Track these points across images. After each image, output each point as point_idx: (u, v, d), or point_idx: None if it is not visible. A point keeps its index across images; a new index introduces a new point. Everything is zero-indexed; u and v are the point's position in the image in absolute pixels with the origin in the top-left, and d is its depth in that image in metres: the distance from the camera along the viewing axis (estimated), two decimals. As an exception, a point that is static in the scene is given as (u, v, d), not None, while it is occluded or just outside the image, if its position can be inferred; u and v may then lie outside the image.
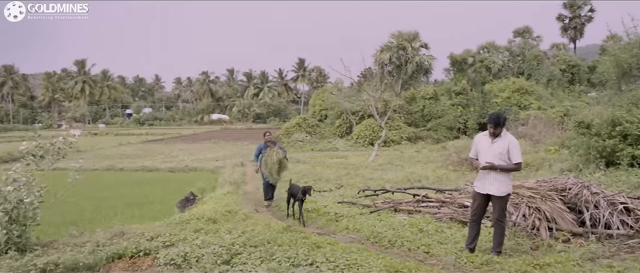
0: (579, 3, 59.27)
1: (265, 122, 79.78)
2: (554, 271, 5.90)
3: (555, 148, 20.18)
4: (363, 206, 11.06)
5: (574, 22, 59.61)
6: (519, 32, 57.93)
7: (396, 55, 40.32)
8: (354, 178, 17.14)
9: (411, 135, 33.78)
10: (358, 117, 35.97)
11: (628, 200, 8.08)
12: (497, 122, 6.58)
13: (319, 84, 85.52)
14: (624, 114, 14.34)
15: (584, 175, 13.68)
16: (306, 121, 38.40)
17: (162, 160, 26.41)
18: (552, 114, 31.27)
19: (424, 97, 37.06)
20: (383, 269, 5.69)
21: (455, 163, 19.08)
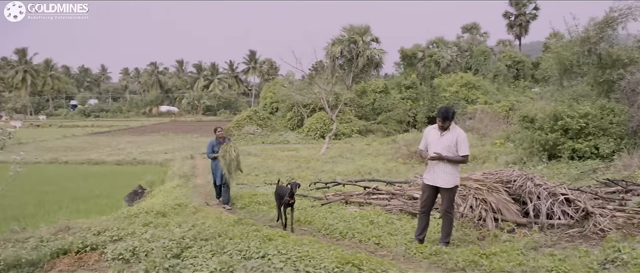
0: (524, 1, 60.99)
1: (215, 114, 78.80)
2: (500, 260, 6.07)
3: (501, 141, 20.77)
4: (314, 198, 11.10)
5: (520, 20, 61.33)
6: (467, 28, 59.26)
7: (347, 48, 40.48)
8: (305, 171, 17.17)
9: (362, 128, 34.07)
10: (309, 109, 35.99)
11: (568, 192, 8.41)
12: (445, 115, 6.70)
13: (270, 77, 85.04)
14: (565, 109, 14.89)
15: (528, 167, 14.16)
16: (257, 114, 38.17)
17: (108, 153, 25.77)
18: (498, 108, 32.13)
19: (374, 90, 37.40)
20: (334, 261, 5.72)
21: (405, 156, 19.38)
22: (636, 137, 13.81)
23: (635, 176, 11.01)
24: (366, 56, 40.32)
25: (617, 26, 16.68)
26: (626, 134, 14.13)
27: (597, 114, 14.49)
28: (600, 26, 16.67)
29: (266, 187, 13.96)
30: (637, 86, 14.36)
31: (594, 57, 17.09)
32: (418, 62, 49.76)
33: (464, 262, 6.12)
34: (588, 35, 16.93)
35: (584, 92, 17.98)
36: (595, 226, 7.66)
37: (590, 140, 14.26)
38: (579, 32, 17.57)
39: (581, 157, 14.22)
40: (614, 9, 16.43)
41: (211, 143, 11.36)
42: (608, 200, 9.18)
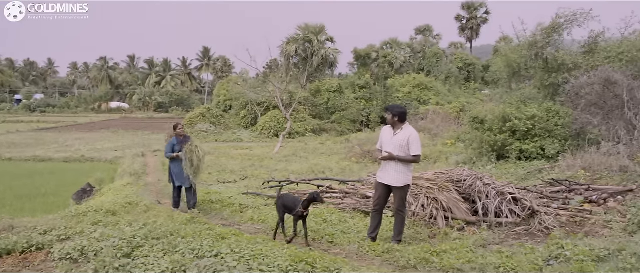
0: (475, 5, 62.48)
1: (167, 111, 77.43)
2: (450, 257, 6.22)
3: (452, 141, 21.21)
4: (268, 197, 11.08)
5: (471, 23, 62.81)
6: (420, 30, 60.20)
7: (302, 47, 40.52)
8: (259, 170, 17.12)
9: (316, 127, 34.16)
10: (263, 108, 35.83)
11: (516, 191, 8.68)
12: (392, 111, 6.92)
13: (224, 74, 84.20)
14: (513, 111, 15.32)
15: (478, 167, 14.51)
16: (210, 111, 37.74)
17: (55, 150, 24.99)
18: (450, 109, 32.78)
19: (328, 90, 37.56)
20: (288, 259, 5.73)
21: (358, 155, 19.55)
22: (579, 139, 14.33)
23: (578, 176, 11.44)
24: (321, 55, 40.45)
25: (563, 32, 17.29)
26: (570, 136, 14.66)
27: (543, 116, 14.97)
28: (547, 31, 17.23)
29: (219, 186, 13.85)
30: (580, 90, 14.89)
31: (540, 61, 17.64)
32: (372, 63, 50.24)
33: (416, 259, 6.24)
34: (535, 40, 17.47)
35: (531, 95, 18.54)
36: (541, 224, 7.95)
37: (536, 141, 14.72)
38: (527, 37, 18.11)
39: (528, 158, 14.67)
40: (560, 16, 17.01)
41: (171, 143, 10.16)
42: (552, 199, 9.52)
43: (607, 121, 14.01)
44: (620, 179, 10.83)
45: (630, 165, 11.42)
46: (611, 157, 12.15)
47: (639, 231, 7.14)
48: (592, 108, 14.64)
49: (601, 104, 14.52)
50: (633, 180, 10.53)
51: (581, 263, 5.62)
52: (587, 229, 7.79)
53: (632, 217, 7.71)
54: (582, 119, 14.31)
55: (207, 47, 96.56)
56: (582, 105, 14.75)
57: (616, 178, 10.95)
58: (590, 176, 11.44)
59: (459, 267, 5.91)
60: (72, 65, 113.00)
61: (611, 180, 10.95)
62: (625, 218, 7.91)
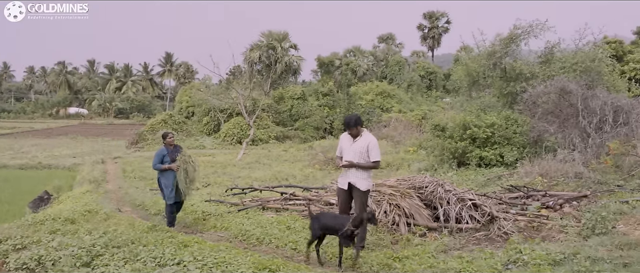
0: (437, 14, 63.58)
1: (128, 117, 76.14)
2: (412, 263, 6.31)
3: (414, 149, 21.47)
4: (231, 204, 11.01)
5: (433, 32, 63.87)
6: (383, 38, 60.87)
7: (266, 54, 40.50)
8: (222, 177, 17.01)
9: (279, 134, 34.11)
10: (226, 115, 35.61)
11: (476, 197, 8.86)
12: (348, 123, 6.98)
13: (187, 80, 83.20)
14: (473, 119, 15.64)
15: (439, 174, 14.73)
16: (172, 118, 37.33)
17: (11, 157, 24.31)
18: (412, 116, 33.19)
19: (292, 97, 37.59)
20: (251, 266, 5.72)
21: (322, 162, 19.62)
22: (537, 146, 14.70)
23: (536, 183, 11.73)
24: (284, 62, 40.51)
25: (520, 42, 17.79)
26: (528, 143, 15.03)
27: (502, 124, 15.32)
28: (505, 42, 17.70)
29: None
30: (537, 99, 15.30)
31: (499, 70, 18.09)
32: (335, 70, 50.52)
33: (378, 265, 6.31)
34: (494, 50, 17.91)
35: (490, 103, 18.96)
36: (500, 229, 8.12)
37: (495, 148, 15.04)
38: (486, 47, 18.56)
39: (488, 165, 14.97)
40: (517, 27, 17.50)
41: (160, 153, 9.02)
42: (511, 205, 9.74)
43: (562, 129, 14.42)
44: (575, 185, 11.17)
45: (585, 171, 11.79)
46: (567, 164, 12.51)
47: (592, 235, 7.37)
48: (549, 116, 15.06)
49: (557, 113, 14.96)
50: (587, 186, 10.88)
51: (538, 266, 5.78)
52: (544, 234, 7.99)
53: (586, 222, 7.96)
54: (539, 127, 14.70)
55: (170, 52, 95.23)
56: (539, 114, 15.16)
57: (571, 185, 11.28)
58: (547, 182, 11.75)
59: (420, 272, 6.00)
60: (28, 70, 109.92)
61: (567, 186, 11.27)
62: (580, 223, 8.16)
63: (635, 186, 10.62)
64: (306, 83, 58.19)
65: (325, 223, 6.60)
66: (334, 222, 6.57)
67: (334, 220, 6.61)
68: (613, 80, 18.03)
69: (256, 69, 41.60)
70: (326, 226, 6.58)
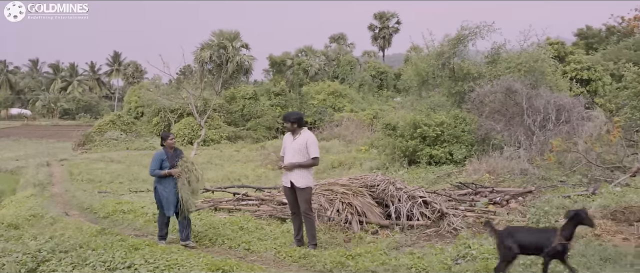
0: (387, 15, 64.35)
1: (74, 118, 73.80)
2: (364, 260, 6.39)
3: (365, 148, 21.68)
4: (183, 206, 10.85)
5: (383, 32, 64.60)
6: (334, 38, 61.13)
7: (217, 53, 40.08)
8: (173, 178, 16.73)
9: (231, 134, 33.87)
10: (177, 115, 35.10)
11: (426, 195, 9.05)
12: (286, 118, 7.34)
13: (136, 80, 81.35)
14: (423, 118, 15.92)
15: (390, 172, 14.93)
16: (121, 118, 36.53)
17: (-52, 160, 23.24)
18: (363, 116, 33.48)
19: (244, 96, 37.34)
20: (204, 268, 5.68)
21: (274, 162, 19.58)
22: (484, 144, 15.10)
23: (483, 179, 12.07)
24: (236, 62, 40.20)
25: (468, 43, 18.24)
26: (476, 141, 15.42)
27: (451, 122, 15.67)
28: (453, 42, 18.10)
29: (131, 195, 13.43)
30: (484, 98, 15.72)
31: (447, 70, 18.49)
32: (287, 70, 50.46)
33: (332, 263, 6.37)
34: (443, 50, 18.30)
35: (440, 102, 19.36)
36: (449, 225, 8.32)
37: (445, 147, 15.37)
38: (435, 47, 18.94)
39: (437, 163, 15.27)
40: (464, 28, 17.93)
41: (159, 157, 7.79)
42: (460, 201, 9.99)
43: (509, 127, 14.87)
44: (521, 181, 11.56)
45: (530, 168, 12.21)
46: (513, 160, 12.92)
47: (537, 229, 7.63)
48: (496, 115, 15.50)
49: (503, 111, 15.41)
50: (532, 182, 11.27)
51: (486, 261, 5.95)
52: (492, 229, 8.23)
53: (531, 217, 8.25)
54: (487, 125, 15.11)
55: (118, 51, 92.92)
56: (486, 113, 15.59)
57: (517, 181, 11.67)
58: (494, 179, 12.10)
59: (373, 269, 6.08)
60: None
61: (513, 182, 11.65)
62: (525, 218, 8.44)
63: (577, 181, 11.07)
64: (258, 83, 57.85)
65: (523, 239, 5.20)
66: (535, 237, 5.27)
67: (534, 236, 5.32)
68: (555, 80, 18.71)
69: (207, 68, 41.12)
70: (525, 243, 5.17)
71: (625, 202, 8.01)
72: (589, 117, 15.15)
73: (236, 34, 41.18)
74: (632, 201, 8.10)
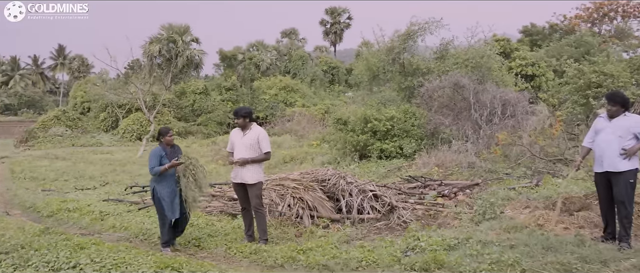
0: (339, 10, 64.56)
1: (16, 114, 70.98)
2: (315, 254, 6.41)
3: (317, 142, 21.74)
4: (131, 203, 10.64)
5: (335, 28, 64.79)
6: (286, 33, 60.99)
7: (166, 48, 39.34)
8: (121, 175, 16.39)
9: (181, 129, 33.37)
10: (125, 110, 34.33)
11: (376, 188, 9.17)
12: (237, 112, 7.28)
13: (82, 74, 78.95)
14: (374, 112, 16.09)
15: (342, 167, 15.03)
16: (66, 114, 35.48)
17: None
18: (315, 111, 33.57)
19: (194, 91, 36.83)
20: (153, 266, 5.57)
21: (225, 157, 19.39)
22: (433, 138, 15.39)
23: (433, 173, 12.30)
24: (186, 56, 39.57)
25: (417, 39, 18.50)
26: (425, 136, 15.70)
27: (401, 117, 15.88)
28: (402, 38, 18.34)
29: (77, 193, 13.05)
30: (433, 93, 16.01)
31: (398, 65, 18.72)
32: (238, 64, 50.00)
33: (283, 258, 6.36)
34: (393, 46, 18.51)
35: (390, 97, 19.59)
36: (399, 218, 8.45)
37: (395, 141, 15.57)
38: (385, 42, 19.14)
39: (388, 157, 15.46)
40: (414, 23, 18.19)
41: (157, 153, 7.19)
42: (410, 194, 10.17)
43: (457, 122, 15.21)
44: (469, 174, 11.85)
45: (477, 161, 12.54)
46: (461, 154, 13.23)
47: (483, 220, 7.85)
48: (444, 109, 15.82)
49: (452, 106, 15.74)
50: (479, 174, 11.58)
51: (434, 252, 6.07)
52: (440, 221, 8.41)
53: (477, 208, 8.47)
54: (436, 119, 15.41)
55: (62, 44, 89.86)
56: (435, 107, 15.89)
57: (465, 174, 11.96)
58: (443, 172, 12.35)
59: (324, 262, 6.11)
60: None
61: (461, 175, 11.93)
62: (472, 210, 8.66)
63: (521, 174, 11.44)
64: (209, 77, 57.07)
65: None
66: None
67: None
68: (501, 75, 19.22)
69: (156, 63, 40.32)
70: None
71: (566, 192, 8.32)
72: (533, 111, 15.66)
73: (186, 27, 40.51)
74: (572, 192, 8.43)
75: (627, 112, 6.32)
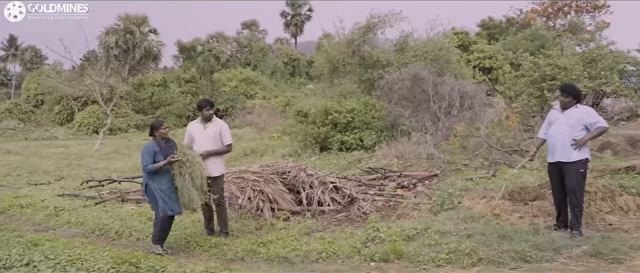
0: (299, 2, 64.36)
1: (-39, 107, 68.61)
2: (276, 247, 6.41)
3: (278, 135, 21.70)
4: (87, 198, 10.41)
5: (295, 20, 64.58)
6: (246, 24, 60.47)
7: (123, 39, 38.47)
8: (77, 169, 16.02)
9: (139, 122, 32.83)
10: (81, 103, 33.52)
11: (337, 180, 9.19)
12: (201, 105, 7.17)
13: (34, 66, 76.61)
14: (334, 105, 16.15)
15: (303, 159, 15.04)
16: (18, 107, 34.45)
17: None
18: (276, 103, 33.47)
19: (152, 83, 36.24)
20: (110, 261, 5.45)
21: (185, 150, 19.18)
22: (393, 130, 15.54)
23: (392, 164, 12.41)
24: (144, 48, 38.80)
25: (377, 31, 18.62)
26: (385, 128, 15.84)
27: (361, 109, 15.98)
28: (363, 30, 18.42)
29: (31, 188, 12.69)
30: (393, 85, 16.15)
31: (358, 57, 18.80)
32: (198, 56, 49.40)
33: (243, 251, 6.34)
34: (353, 38, 18.58)
35: (350, 90, 19.67)
36: (359, 210, 8.50)
37: (356, 133, 15.67)
38: (345, 35, 19.19)
39: (348, 149, 15.55)
40: (374, 16, 18.28)
41: (150, 149, 6.60)
42: (370, 186, 10.25)
43: (416, 113, 15.39)
44: (428, 165, 12.01)
45: (436, 152, 12.72)
46: (420, 146, 13.40)
47: (442, 211, 7.97)
48: (404, 102, 15.98)
49: (411, 98, 15.91)
50: (438, 166, 11.75)
51: (394, 243, 6.14)
52: (400, 212, 8.50)
53: (436, 199, 8.60)
54: (395, 111, 15.55)
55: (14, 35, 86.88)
56: (395, 99, 16.03)
57: (424, 165, 12.11)
58: (402, 164, 12.48)
59: (284, 255, 6.11)
60: None
61: (420, 166, 12.07)
62: (431, 200, 8.78)
63: (479, 164, 11.67)
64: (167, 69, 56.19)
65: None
66: None
67: None
68: (460, 68, 19.56)
69: (113, 54, 39.42)
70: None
71: (521, 183, 8.53)
72: (490, 103, 16.01)
73: (144, 18, 39.67)
74: (527, 182, 8.64)
75: (579, 103, 6.51)
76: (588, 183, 7.09)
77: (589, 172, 7.53)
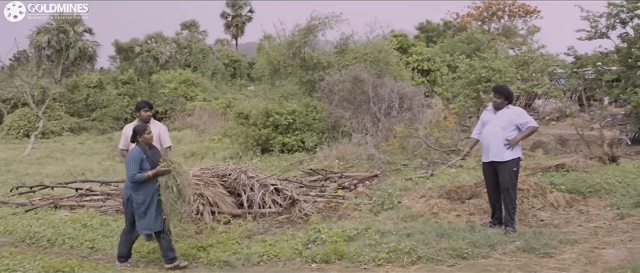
0: (240, 3, 63.81)
1: None
2: (216, 251, 6.32)
3: (219, 137, 21.45)
4: (17, 205, 9.94)
5: (236, 21, 63.98)
6: (186, 25, 59.47)
7: (56, 38, 37.07)
8: (6, 175, 15.27)
9: (74, 125, 31.60)
10: (10, 105, 32.01)
11: (278, 182, 9.17)
12: (147, 107, 7.07)
13: (-41, 67, 72.79)
14: (275, 106, 16.11)
15: (244, 161, 14.91)
16: (-61, 110, 32.56)
17: None
18: (216, 105, 33.05)
19: (88, 85, 34.99)
20: (41, 271, 5.24)
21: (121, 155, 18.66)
22: (334, 131, 15.65)
23: (334, 165, 12.50)
24: (78, 48, 37.54)
25: (317, 33, 18.69)
26: (326, 129, 15.92)
27: (302, 111, 16.00)
28: (303, 32, 18.45)
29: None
30: (334, 87, 16.25)
31: (299, 59, 18.82)
32: (136, 57, 48.19)
33: (183, 256, 6.23)
34: (294, 40, 18.58)
35: (292, 91, 19.67)
36: (301, 211, 8.51)
37: (297, 134, 15.67)
38: (286, 36, 19.17)
39: (290, 150, 15.54)
40: (314, 18, 18.35)
41: (136, 156, 5.92)
42: (311, 187, 10.27)
43: (357, 115, 15.56)
44: (368, 166, 12.17)
45: (376, 153, 12.90)
46: (361, 147, 13.55)
47: (382, 211, 8.10)
48: (344, 103, 16.12)
49: (351, 100, 16.07)
50: (378, 166, 11.92)
51: (335, 243, 6.17)
52: (341, 213, 8.56)
53: (376, 199, 8.72)
54: (336, 113, 15.67)
55: None
56: (336, 101, 16.15)
57: (365, 166, 12.26)
58: (343, 165, 12.58)
59: (225, 259, 6.04)
60: None
61: (361, 167, 12.21)
62: (372, 201, 8.90)
63: (418, 164, 11.91)
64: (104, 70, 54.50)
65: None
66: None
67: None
68: (399, 70, 19.88)
69: (45, 54, 37.92)
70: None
71: (458, 181, 8.76)
72: (429, 104, 16.36)
73: (78, 17, 38.41)
74: (464, 181, 8.89)
75: (511, 104, 6.75)
76: (520, 181, 7.37)
77: (522, 170, 7.84)
